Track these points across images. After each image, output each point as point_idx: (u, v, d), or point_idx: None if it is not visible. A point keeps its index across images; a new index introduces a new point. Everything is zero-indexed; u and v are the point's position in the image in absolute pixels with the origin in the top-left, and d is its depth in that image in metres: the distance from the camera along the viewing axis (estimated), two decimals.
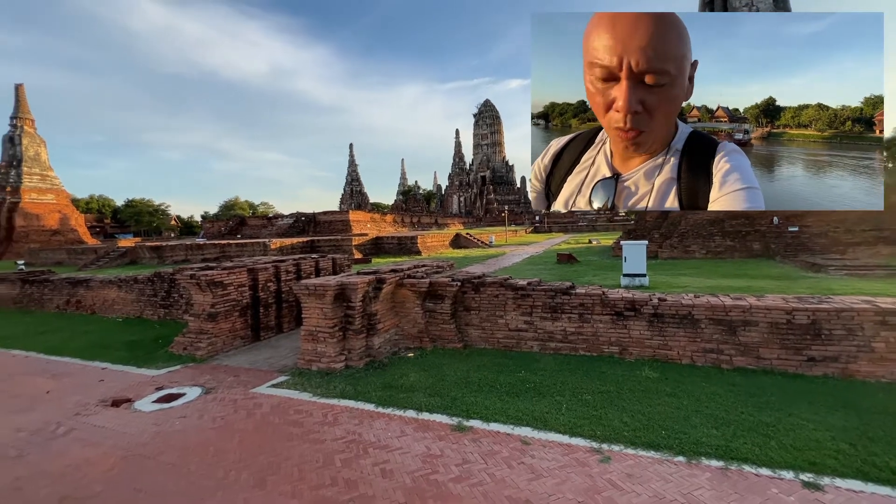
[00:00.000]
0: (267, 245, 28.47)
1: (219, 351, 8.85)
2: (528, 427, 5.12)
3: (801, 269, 15.90)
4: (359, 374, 7.14)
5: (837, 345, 6.31)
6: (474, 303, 8.57)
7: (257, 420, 5.64)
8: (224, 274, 9.06)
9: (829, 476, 3.96)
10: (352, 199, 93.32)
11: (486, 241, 38.19)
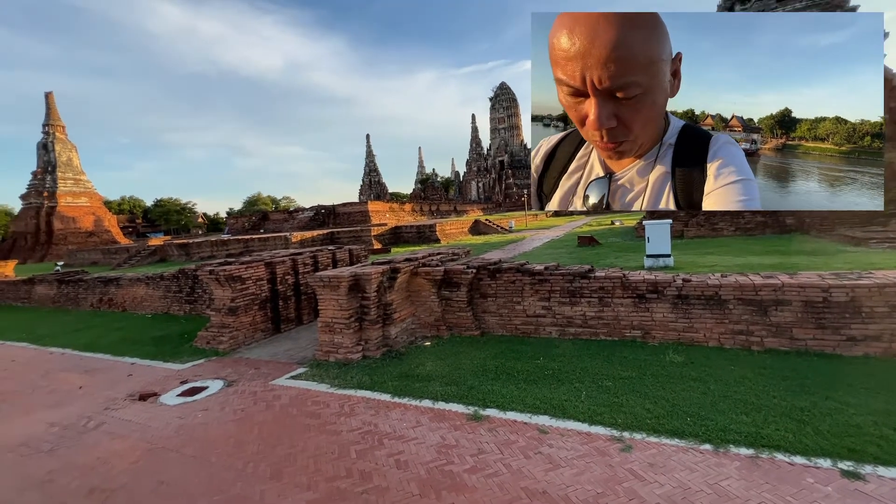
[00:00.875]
0: (288, 238, 28.96)
1: (240, 344, 9.02)
2: (546, 415, 4.99)
3: (839, 243, 15.05)
4: (375, 364, 7.14)
5: (880, 323, 5.90)
6: (490, 289, 8.42)
7: (276, 412, 5.71)
8: (242, 269, 9.18)
9: (871, 464, 3.69)
10: (370, 190, 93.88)
11: (505, 226, 37.81)
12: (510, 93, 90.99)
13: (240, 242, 31.08)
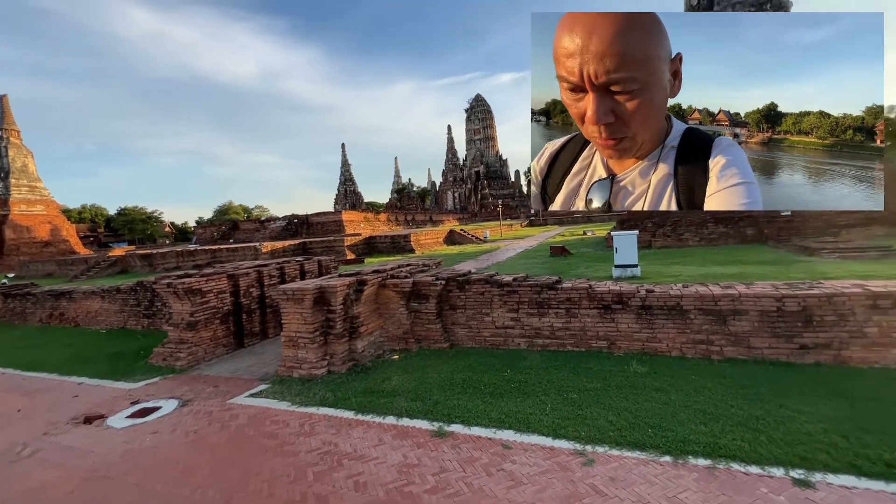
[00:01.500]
0: (258, 249, 28.23)
1: (200, 360, 8.62)
2: (511, 430, 4.92)
3: (795, 253, 15.78)
4: (341, 379, 6.93)
5: (829, 331, 6.14)
6: (460, 301, 8.37)
7: (231, 433, 5.43)
8: (202, 281, 8.82)
9: (821, 472, 3.78)
10: (346, 199, 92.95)
11: (480, 236, 38.02)
12: (486, 105, 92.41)
13: (207, 253, 30.09)
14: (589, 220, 55.86)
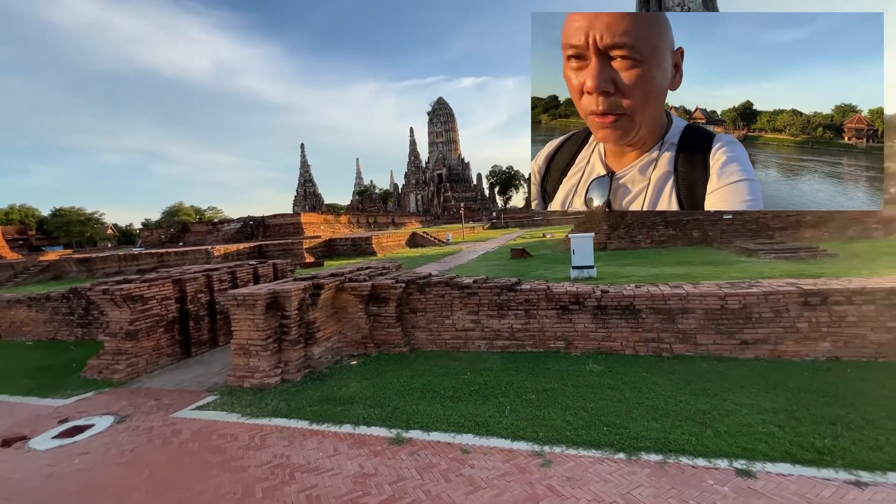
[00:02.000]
0: (210, 252, 26.87)
1: (141, 372, 8.03)
2: (470, 434, 4.88)
3: (736, 254, 16.81)
4: (295, 388, 6.65)
5: (766, 327, 6.54)
6: (420, 304, 8.27)
7: (173, 450, 5.06)
8: (144, 287, 8.23)
9: (761, 461, 3.98)
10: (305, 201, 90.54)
11: (443, 238, 38.07)
12: (448, 108, 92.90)
13: (153, 257, 28.29)
14: (548, 223, 57.31)
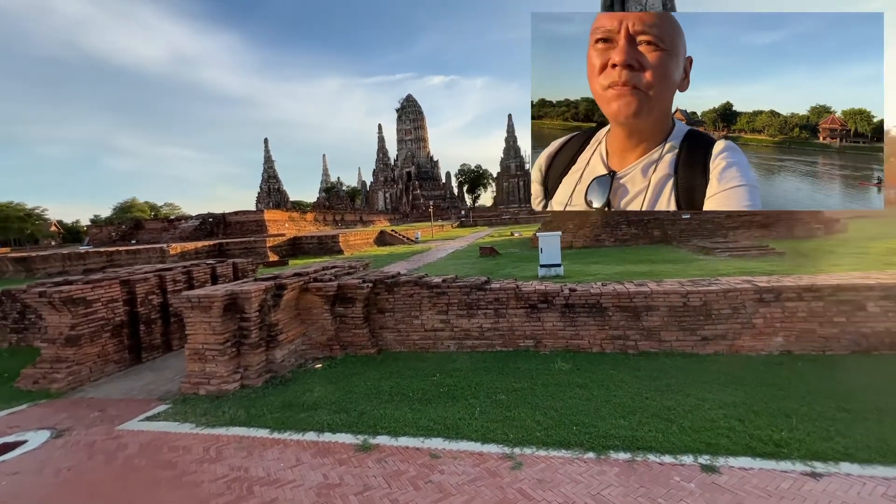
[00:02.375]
0: (165, 251, 25.50)
1: (84, 381, 7.42)
2: (440, 437, 4.75)
3: (693, 252, 17.52)
4: (255, 394, 6.31)
5: (725, 323, 6.77)
6: (388, 304, 8.07)
7: (118, 465, 4.66)
8: (87, 289, 7.61)
9: (724, 456, 4.07)
10: (269, 198, 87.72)
11: (411, 237, 37.78)
12: (417, 105, 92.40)
13: (102, 255, 26.54)
14: (516, 222, 58.05)
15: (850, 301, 6.44)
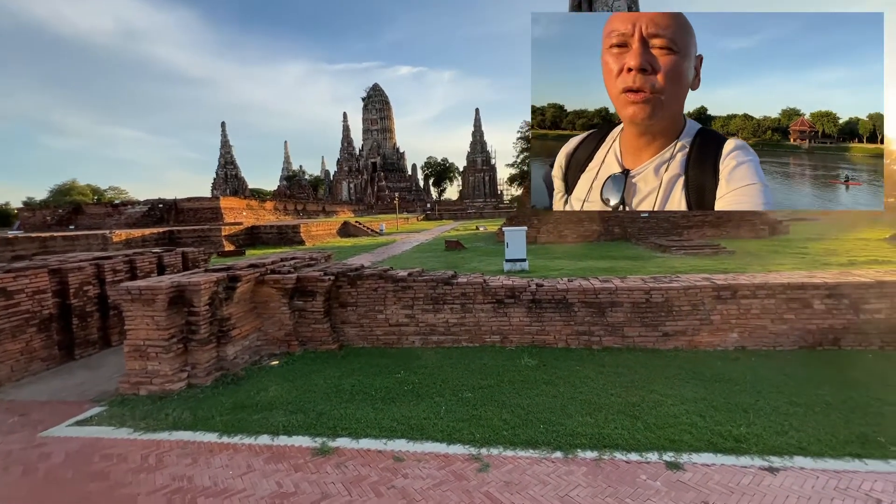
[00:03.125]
0: (108, 237, 23.71)
1: (4, 381, 6.63)
2: (404, 439, 4.54)
3: (651, 249, 18.15)
4: (204, 394, 5.85)
5: (685, 319, 6.94)
6: (351, 298, 7.74)
7: (38, 479, 4.13)
8: (8, 278, 6.79)
9: (687, 452, 4.10)
10: (226, 185, 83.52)
11: (376, 229, 37.16)
12: (383, 95, 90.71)
13: (34, 241, 24.30)
14: (481, 216, 58.40)
15: (799, 299, 6.75)
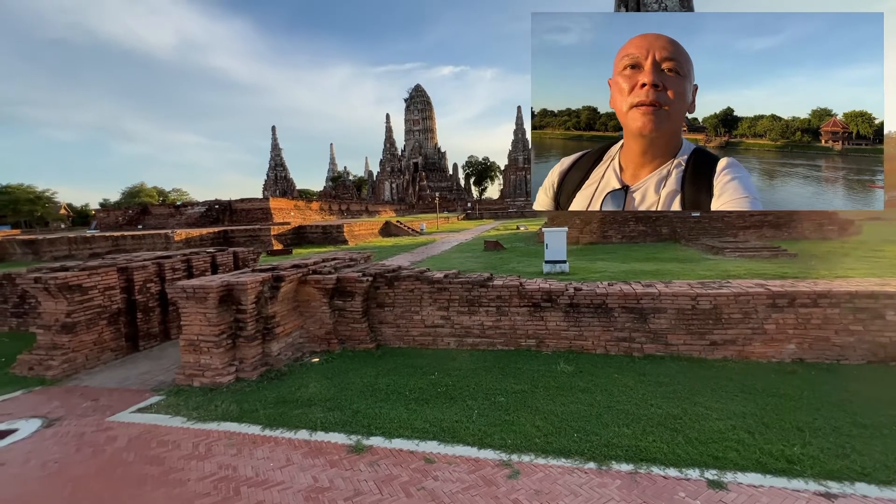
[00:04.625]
0: (170, 237, 25.50)
1: (79, 369, 7.35)
2: (435, 440, 4.59)
3: (702, 251, 17.16)
4: (250, 387, 6.19)
5: (735, 328, 6.53)
6: (388, 298, 7.90)
7: (104, 460, 4.55)
8: (84, 276, 7.50)
9: (732, 471, 3.87)
10: (276, 186, 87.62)
11: (417, 228, 37.60)
12: (425, 95, 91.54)
13: (108, 240, 26.60)
14: (522, 216, 57.60)
15: (868, 309, 6.16)
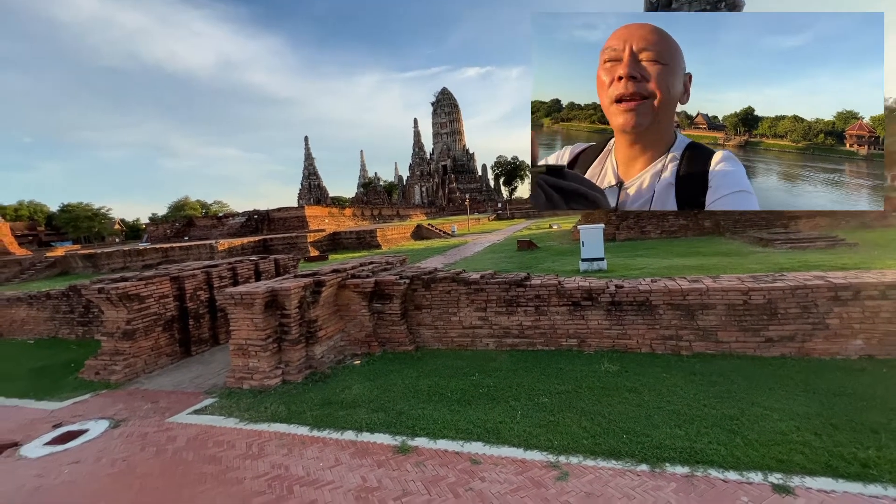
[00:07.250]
0: (214, 247, 26.73)
1: (139, 373, 7.81)
2: (480, 441, 4.58)
3: (749, 244, 16.30)
4: (296, 389, 6.38)
5: (793, 323, 6.15)
6: (426, 300, 7.95)
7: (167, 459, 4.81)
8: (140, 285, 7.98)
9: (799, 475, 3.64)
10: (310, 194, 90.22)
11: (448, 230, 37.71)
12: (452, 98, 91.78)
13: (158, 252, 28.21)
14: (554, 214, 56.62)
15: None
